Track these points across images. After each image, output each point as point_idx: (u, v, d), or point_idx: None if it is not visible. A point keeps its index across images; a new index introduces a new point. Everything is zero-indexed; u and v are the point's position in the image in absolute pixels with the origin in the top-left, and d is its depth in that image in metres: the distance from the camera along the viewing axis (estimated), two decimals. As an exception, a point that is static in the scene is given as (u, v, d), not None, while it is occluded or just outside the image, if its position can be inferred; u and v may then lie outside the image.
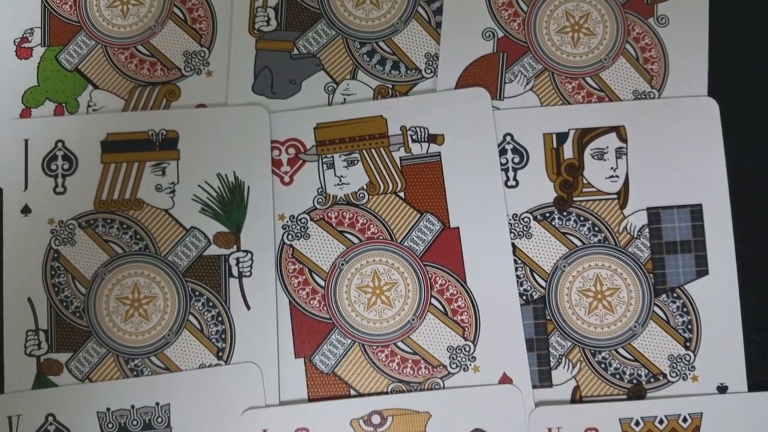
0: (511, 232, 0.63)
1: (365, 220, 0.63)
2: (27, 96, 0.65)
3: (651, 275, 0.63)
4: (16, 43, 0.65)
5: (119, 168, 0.64)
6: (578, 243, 0.63)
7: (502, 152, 0.63)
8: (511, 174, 0.63)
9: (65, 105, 0.65)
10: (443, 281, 0.63)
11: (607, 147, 0.64)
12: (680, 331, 0.62)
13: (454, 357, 0.62)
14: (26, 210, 0.63)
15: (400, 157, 0.63)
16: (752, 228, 0.63)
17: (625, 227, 0.63)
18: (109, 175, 0.64)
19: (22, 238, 0.62)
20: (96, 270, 0.63)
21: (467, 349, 0.62)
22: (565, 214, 0.63)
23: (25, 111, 0.65)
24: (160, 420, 0.61)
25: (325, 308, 0.63)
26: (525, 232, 0.63)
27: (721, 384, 0.62)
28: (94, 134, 0.64)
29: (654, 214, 0.63)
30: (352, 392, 0.62)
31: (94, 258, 0.63)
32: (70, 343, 0.62)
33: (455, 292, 0.63)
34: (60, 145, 0.64)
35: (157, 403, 0.61)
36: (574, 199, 0.63)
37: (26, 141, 0.64)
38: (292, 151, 0.64)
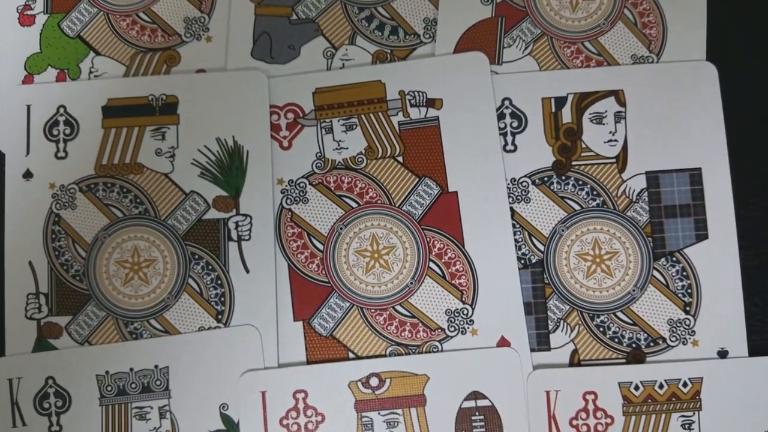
0: (509, 197, 0.59)
1: (364, 185, 0.60)
2: (29, 62, 0.62)
3: (650, 239, 0.59)
4: (19, 11, 0.62)
5: (120, 133, 0.60)
6: (577, 207, 0.59)
7: (501, 117, 0.60)
8: (509, 138, 0.60)
9: (67, 71, 0.62)
10: (441, 245, 0.60)
11: (606, 111, 0.60)
12: (680, 295, 0.59)
13: (453, 320, 0.59)
14: (28, 174, 0.60)
15: (398, 122, 0.60)
16: (752, 192, 0.59)
17: (624, 191, 0.60)
18: (110, 139, 0.61)
19: (23, 202, 0.59)
20: (96, 234, 0.60)
21: (465, 312, 0.59)
22: (563, 178, 0.60)
23: (28, 77, 0.62)
24: (159, 383, 0.58)
25: (323, 272, 0.60)
26: (523, 197, 0.60)
27: (722, 349, 0.58)
28: (96, 100, 0.61)
29: (653, 178, 0.60)
30: (351, 355, 0.59)
31: (95, 222, 0.60)
32: (70, 307, 0.59)
33: (453, 255, 0.60)
34: (62, 110, 0.61)
35: (156, 366, 0.59)
36: (573, 163, 0.60)
37: (28, 107, 0.61)
38: (290, 115, 0.61)
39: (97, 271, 0.59)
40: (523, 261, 0.59)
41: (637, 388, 0.57)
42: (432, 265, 0.59)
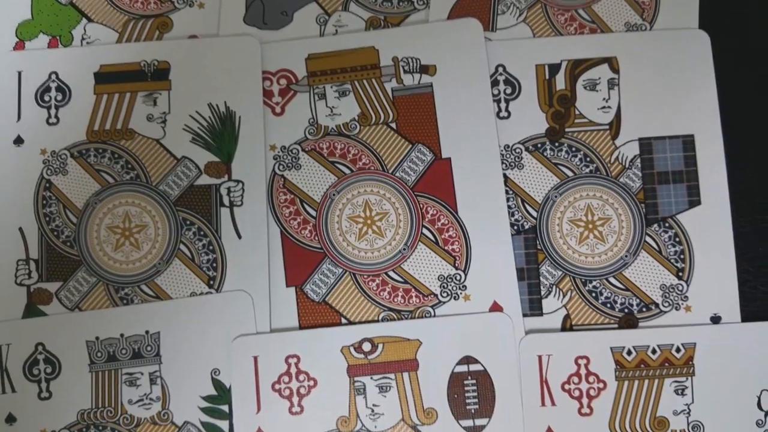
0: (502, 163, 0.57)
1: (357, 151, 0.58)
2: (21, 29, 0.59)
3: (643, 205, 0.57)
4: (11, -23, 0.61)
5: (111, 98, 0.58)
6: (570, 173, 0.57)
7: (494, 83, 0.58)
8: (503, 105, 0.58)
9: (59, 38, 0.59)
10: (434, 211, 0.57)
11: (600, 78, 0.58)
12: (672, 260, 0.57)
13: (445, 286, 0.57)
14: (18, 141, 0.58)
15: (391, 88, 0.58)
16: (745, 158, 0.57)
17: (617, 158, 0.58)
18: (102, 105, 0.58)
19: (14, 168, 0.57)
20: (87, 199, 0.57)
21: (458, 278, 0.57)
22: (556, 144, 0.58)
23: (19, 44, 0.59)
24: (149, 348, 0.56)
25: (316, 238, 0.57)
26: (517, 163, 0.58)
27: (715, 314, 0.56)
28: (88, 66, 0.58)
29: (646, 144, 0.58)
30: (344, 321, 0.56)
31: (86, 187, 0.57)
32: (60, 273, 0.56)
33: (446, 222, 0.57)
34: (54, 76, 0.58)
35: (147, 332, 0.56)
36: (566, 129, 0.57)
37: (19, 73, 0.58)
38: (283, 81, 0.58)
39: (87, 237, 0.57)
40: (515, 227, 0.57)
41: (629, 353, 0.55)
42: (425, 231, 0.57)
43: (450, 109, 0.57)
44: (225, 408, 0.55)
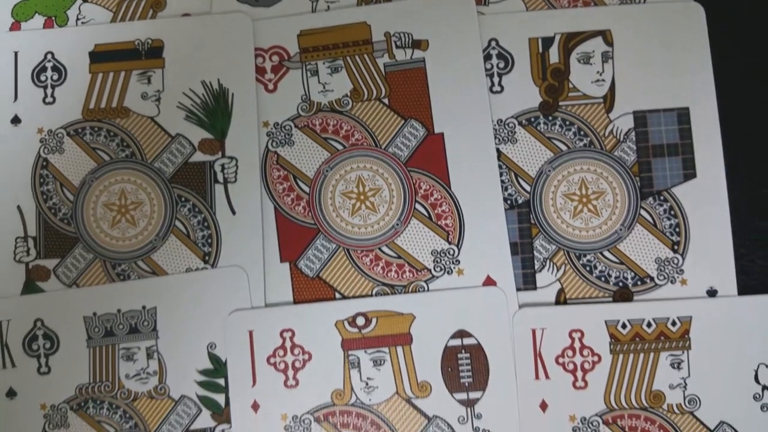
0: (496, 138, 0.56)
1: (349, 127, 0.57)
2: (16, 10, 0.59)
3: (637, 178, 0.56)
4: (7, -42, 0.61)
5: (107, 77, 0.57)
6: (563, 147, 0.56)
7: (487, 57, 0.57)
8: (496, 79, 0.57)
9: (55, 18, 0.59)
10: (427, 186, 0.57)
11: (593, 51, 0.57)
12: (668, 234, 0.56)
13: (439, 260, 0.56)
14: (16, 120, 0.58)
15: (384, 64, 0.57)
16: (740, 131, 0.56)
17: (611, 131, 0.56)
18: (97, 84, 0.57)
19: (11, 147, 0.56)
20: (84, 177, 0.57)
21: (451, 252, 0.56)
22: (550, 118, 0.56)
23: (15, 24, 0.58)
24: (146, 323, 0.56)
25: (309, 214, 0.57)
26: (510, 138, 0.57)
27: (711, 288, 0.55)
28: (83, 45, 0.58)
29: (640, 117, 0.56)
30: (337, 296, 0.56)
31: (82, 165, 0.57)
32: (57, 250, 0.56)
33: (439, 197, 0.57)
34: (49, 56, 0.58)
35: (144, 307, 0.56)
36: (560, 103, 0.56)
37: (16, 53, 0.58)
38: (275, 58, 0.57)
39: (84, 214, 0.57)
40: (509, 201, 0.56)
41: (624, 326, 0.54)
42: (418, 206, 0.56)
43: (442, 84, 0.56)
44: (221, 381, 0.55)
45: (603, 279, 0.55)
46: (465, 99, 0.56)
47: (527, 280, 0.55)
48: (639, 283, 0.55)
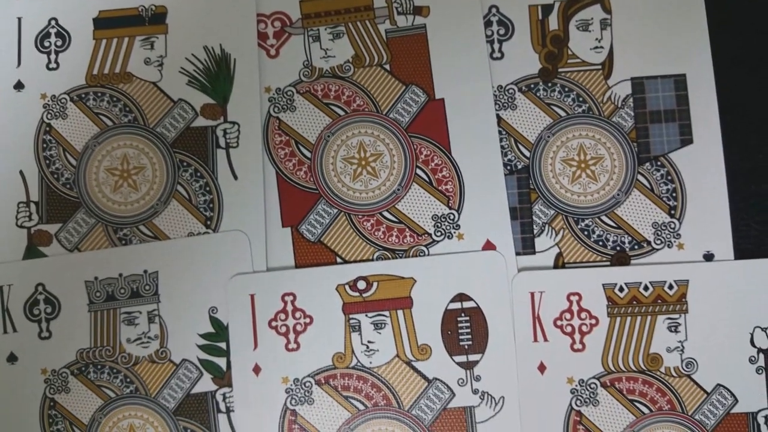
0: (496, 104, 0.55)
1: (351, 93, 0.57)
2: (20, -24, 0.60)
3: (635, 144, 0.55)
4: (10, -74, 0.60)
5: (110, 43, 0.56)
6: (562, 114, 0.55)
7: (488, 24, 0.56)
8: (496, 46, 0.56)
9: (58, -15, 0.59)
10: (428, 152, 0.56)
11: (592, 18, 0.56)
12: (665, 199, 0.55)
13: (439, 225, 0.56)
14: (19, 86, 0.57)
15: (385, 30, 0.56)
16: (737, 97, 0.56)
17: (610, 97, 0.56)
18: (101, 50, 0.56)
19: (14, 112, 0.56)
20: (86, 142, 0.56)
21: (452, 217, 0.56)
22: (549, 85, 0.56)
23: (19, -9, 0.59)
24: (147, 288, 0.55)
25: (311, 179, 0.56)
26: (510, 104, 0.56)
27: (708, 252, 0.55)
28: (87, 11, 0.56)
29: (638, 83, 0.56)
30: (339, 260, 0.55)
31: (85, 130, 0.56)
32: (60, 214, 0.55)
33: (440, 162, 0.56)
34: (53, 22, 0.57)
35: (145, 271, 0.55)
36: (559, 70, 0.56)
37: (19, 19, 0.57)
38: (277, 24, 0.57)
39: (87, 179, 0.56)
40: (509, 167, 0.55)
41: (621, 289, 0.54)
42: (419, 171, 0.55)
43: (443, 50, 0.55)
44: (222, 345, 0.54)
45: (601, 243, 0.55)
46: (465, 65, 0.55)
47: (526, 245, 0.55)
48: (636, 247, 0.54)
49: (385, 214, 0.55)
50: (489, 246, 0.54)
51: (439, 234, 0.55)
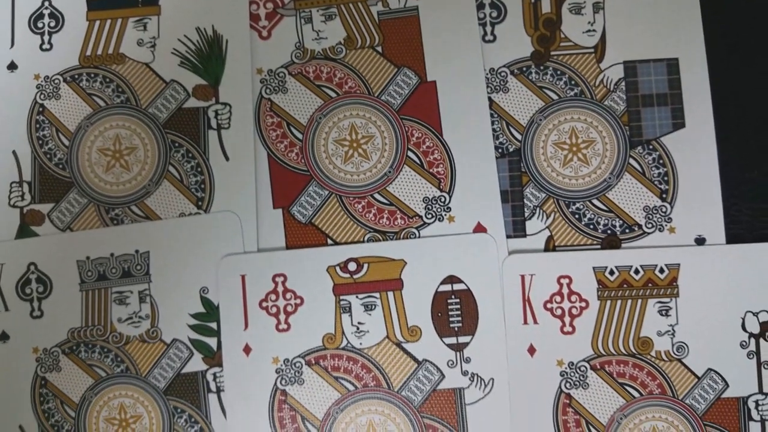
0: (488, 86, 0.55)
1: (342, 75, 0.56)
2: (14, -42, 0.59)
3: (627, 128, 0.55)
4: None
5: (103, 24, 0.56)
6: (554, 97, 0.55)
7: (480, 7, 0.55)
8: (488, 28, 0.56)
9: (52, -33, 0.59)
10: (420, 134, 0.56)
11: (585, 1, 0.55)
12: (656, 182, 0.55)
13: (430, 207, 0.55)
14: (12, 66, 0.56)
15: (377, 12, 0.55)
16: (729, 82, 0.55)
17: (602, 81, 0.55)
18: (94, 31, 0.56)
19: (8, 93, 0.55)
20: (79, 123, 0.55)
21: (443, 200, 0.55)
22: (542, 68, 0.55)
23: (13, -28, 0.59)
24: (139, 267, 0.55)
25: (302, 161, 0.56)
26: (502, 87, 0.56)
27: (699, 236, 0.54)
28: (80, -7, 0.58)
29: (630, 67, 0.55)
30: (330, 242, 0.55)
31: (78, 111, 0.55)
32: (52, 194, 0.55)
33: (431, 144, 0.56)
34: (47, 3, 0.56)
35: (137, 251, 0.55)
36: (551, 53, 0.56)
37: (12, 0, 0.58)
38: (270, 5, 0.56)
39: (79, 159, 0.56)
40: (500, 150, 0.55)
41: (612, 273, 0.53)
42: (410, 154, 0.55)
43: (436, 32, 0.55)
44: (213, 325, 0.54)
45: (592, 227, 0.54)
46: (458, 48, 0.54)
47: (517, 228, 0.54)
48: (627, 231, 0.54)
49: (377, 196, 0.55)
50: (480, 229, 0.54)
51: (430, 216, 0.54)
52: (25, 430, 0.54)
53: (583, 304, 0.53)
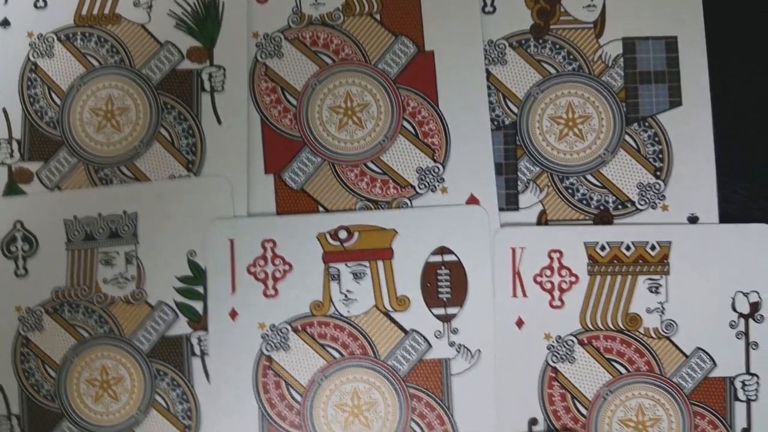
0: (486, 58, 0.54)
1: (339, 41, 0.55)
2: None
3: (623, 104, 0.54)
4: None
5: None
6: (552, 71, 0.54)
7: (480, -22, 0.56)
8: (488, 0, 0.56)
9: (49, -76, 0.58)
10: (415, 104, 0.55)
11: (585, -24, 0.56)
12: (651, 159, 0.54)
13: (423, 178, 0.54)
14: (5, 23, 0.55)
15: (376, -20, 0.56)
16: (727, 61, 0.54)
17: (600, 56, 0.55)
18: (89, -10, 0.57)
19: (0, 50, 0.56)
20: (72, 82, 0.55)
21: (436, 170, 0.54)
22: (540, 41, 0.55)
23: (9, -72, 0.58)
24: (126, 228, 0.54)
25: (296, 127, 0.55)
26: (500, 59, 0.55)
27: (692, 214, 0.53)
28: (76, -49, 0.57)
29: (629, 44, 0.55)
30: (321, 209, 0.54)
31: (71, 71, 0.54)
32: (42, 153, 0.54)
33: (427, 115, 0.55)
34: None
35: (125, 212, 0.54)
36: (551, 27, 0.55)
37: (8, -43, 0.58)
38: (269, -31, 0.57)
39: (71, 119, 0.54)
40: (496, 122, 0.54)
41: (603, 248, 0.53)
42: (405, 123, 0.54)
43: (435, 1, 0.54)
44: (200, 289, 0.52)
45: (584, 202, 0.53)
46: (457, 18, 0.53)
47: (510, 201, 0.53)
48: (620, 207, 0.53)
49: (370, 165, 0.54)
50: (472, 200, 0.53)
51: (422, 187, 0.53)
52: (4, 389, 0.53)
53: (573, 279, 0.52)
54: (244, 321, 0.52)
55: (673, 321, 0.52)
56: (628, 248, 0.52)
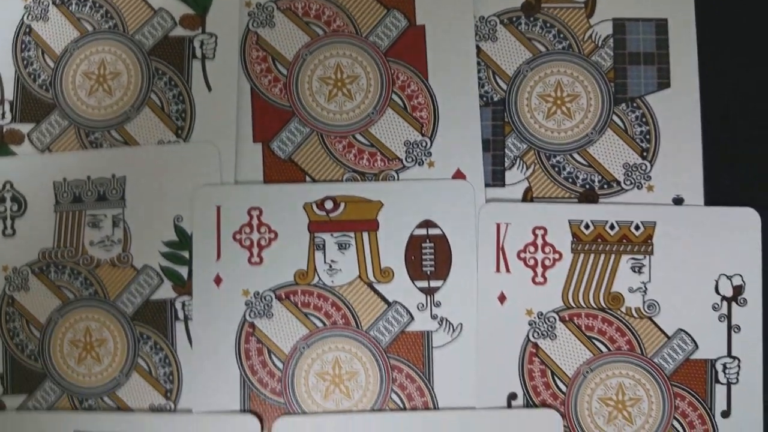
0: (476, 34, 0.54)
1: (331, 13, 0.55)
2: None
3: (612, 84, 0.54)
4: None
5: None
6: (542, 49, 0.54)
7: (473, -45, 0.56)
8: (480, -23, 0.56)
9: None
10: (405, 77, 0.55)
11: (579, -44, 0.56)
12: (638, 140, 0.54)
13: (411, 151, 0.54)
14: (1, -15, 0.57)
15: (371, -47, 0.57)
16: (716, 45, 0.54)
17: (591, 36, 0.55)
18: (85, -45, 0.57)
19: None
20: (66, 46, 0.55)
21: (424, 144, 0.54)
22: (532, 19, 0.55)
23: None
24: (114, 192, 0.54)
25: (286, 96, 0.55)
26: (491, 35, 0.55)
27: (677, 196, 0.54)
28: None
29: (620, 25, 0.55)
30: (308, 180, 0.55)
31: (65, 34, 0.54)
32: (33, 115, 0.54)
33: (416, 89, 0.55)
34: None
35: (113, 176, 0.54)
36: (542, 5, 0.55)
37: None
38: (264, -61, 0.57)
39: (63, 82, 0.54)
40: (485, 99, 0.54)
41: (587, 226, 0.53)
42: (394, 96, 0.54)
43: (427, -23, 0.55)
44: (185, 254, 0.53)
45: (570, 180, 0.53)
46: (448, -6, 0.54)
47: (496, 177, 0.53)
48: (606, 186, 0.53)
49: (358, 136, 0.54)
50: (459, 175, 0.53)
51: (410, 160, 0.53)
52: (-11, 348, 0.53)
53: (557, 256, 0.52)
54: (229, 287, 0.52)
55: (656, 301, 0.52)
56: (612, 227, 0.52)
